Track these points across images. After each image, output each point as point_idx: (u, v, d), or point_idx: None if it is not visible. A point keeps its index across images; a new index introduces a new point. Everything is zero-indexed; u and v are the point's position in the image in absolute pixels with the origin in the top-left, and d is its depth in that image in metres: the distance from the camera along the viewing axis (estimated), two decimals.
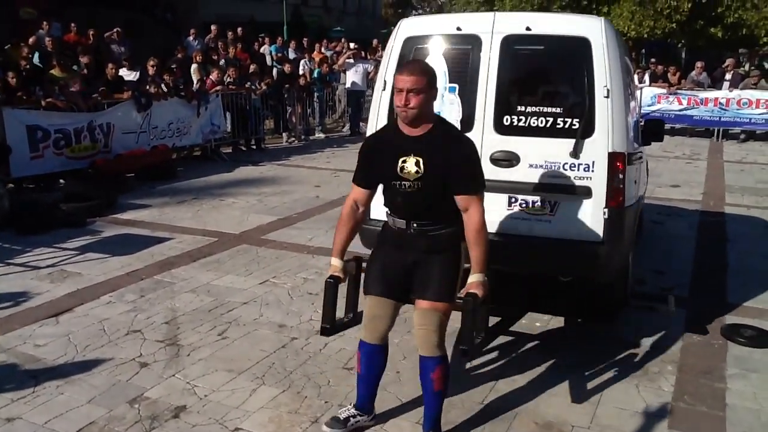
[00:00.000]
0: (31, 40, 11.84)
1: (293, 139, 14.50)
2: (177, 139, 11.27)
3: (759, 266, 6.14)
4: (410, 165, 3.09)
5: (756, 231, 7.51)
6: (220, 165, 11.69)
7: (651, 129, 5.56)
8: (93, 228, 7.35)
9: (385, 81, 4.37)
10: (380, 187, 3.30)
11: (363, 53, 16.66)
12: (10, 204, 7.25)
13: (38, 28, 12.87)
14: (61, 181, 9.21)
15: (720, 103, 14.89)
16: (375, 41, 19.03)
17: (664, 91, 15.62)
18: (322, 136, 15.28)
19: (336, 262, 3.33)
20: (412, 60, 3.38)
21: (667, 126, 14.13)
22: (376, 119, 4.40)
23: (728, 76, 15.55)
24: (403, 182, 3.11)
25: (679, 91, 15.49)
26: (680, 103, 15.34)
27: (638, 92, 12.57)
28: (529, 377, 4.00)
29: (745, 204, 8.79)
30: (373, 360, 3.37)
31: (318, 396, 3.76)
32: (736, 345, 4.44)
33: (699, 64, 16.29)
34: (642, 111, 14.09)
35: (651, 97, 15.51)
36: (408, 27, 4.45)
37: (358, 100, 15.35)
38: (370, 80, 14.83)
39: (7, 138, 8.38)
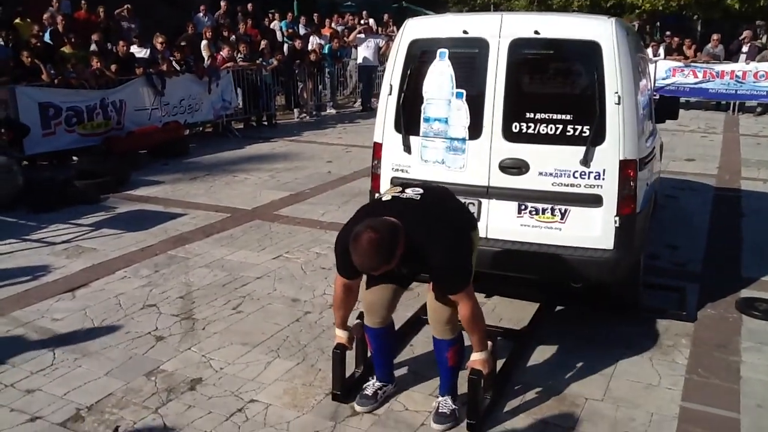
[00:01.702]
0: (45, 16, 11.83)
1: (304, 114, 14.45)
2: (189, 116, 11.26)
3: None
4: (395, 271, 3.06)
5: None
6: (232, 141, 11.70)
7: (666, 107, 5.47)
8: (107, 204, 7.39)
9: (391, 85, 4.27)
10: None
11: (375, 28, 16.51)
12: (24, 181, 7.29)
13: (48, 5, 12.83)
14: (74, 158, 9.25)
15: (736, 76, 14.66)
16: (386, 15, 18.83)
17: (680, 64, 15.40)
18: (333, 111, 15.22)
19: (341, 332, 3.42)
20: (361, 238, 2.83)
21: (682, 99, 14.03)
22: (383, 124, 4.33)
23: (745, 49, 15.30)
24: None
25: (694, 64, 15.27)
26: (695, 77, 15.11)
27: (652, 66, 12.41)
28: (542, 351, 4.01)
29: (761, 178, 8.70)
30: (381, 340, 3.45)
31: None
32: (750, 319, 4.42)
33: (715, 36, 16.03)
34: (656, 85, 13.92)
35: (666, 70, 15.29)
36: (413, 29, 4.31)
37: (370, 75, 15.25)
38: (381, 55, 14.72)
39: (20, 116, 8.41)
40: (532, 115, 4.00)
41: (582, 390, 3.56)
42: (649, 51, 15.16)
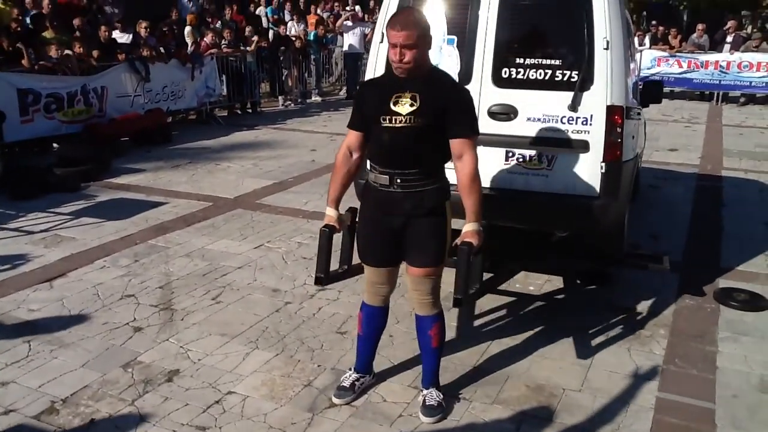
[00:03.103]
0: (27, 0, 11.62)
1: (289, 102, 14.37)
2: (172, 103, 11.17)
3: (754, 231, 6.14)
4: (405, 100, 3.00)
5: (752, 196, 7.48)
6: (216, 129, 11.60)
7: (650, 91, 5.50)
8: (87, 193, 7.31)
9: (382, 33, 4.28)
10: None
11: (361, 15, 16.41)
12: (3, 168, 7.19)
13: None
14: (55, 145, 9.14)
15: (720, 66, 14.74)
16: (372, 2, 18.71)
17: (665, 53, 15.46)
18: (318, 99, 15.14)
19: (331, 211, 3.30)
20: (404, 11, 3.26)
21: (667, 89, 14.07)
22: (374, 71, 4.32)
23: (729, 39, 15.37)
24: (394, 117, 3.00)
25: (679, 54, 15.33)
26: (680, 66, 15.18)
27: (638, 55, 12.44)
28: (521, 340, 4.02)
29: (742, 168, 8.76)
30: (374, 321, 3.40)
31: (311, 360, 3.78)
32: (728, 309, 4.46)
33: (700, 26, 16.09)
34: (641, 74, 13.95)
35: (651, 60, 15.35)
36: None
37: (356, 62, 15.17)
38: (367, 43, 14.64)
39: None
40: (521, 61, 4.05)
41: (559, 380, 3.57)
42: (636, 40, 15.17)
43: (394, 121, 3.01)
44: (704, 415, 3.28)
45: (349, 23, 15.13)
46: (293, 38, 14.59)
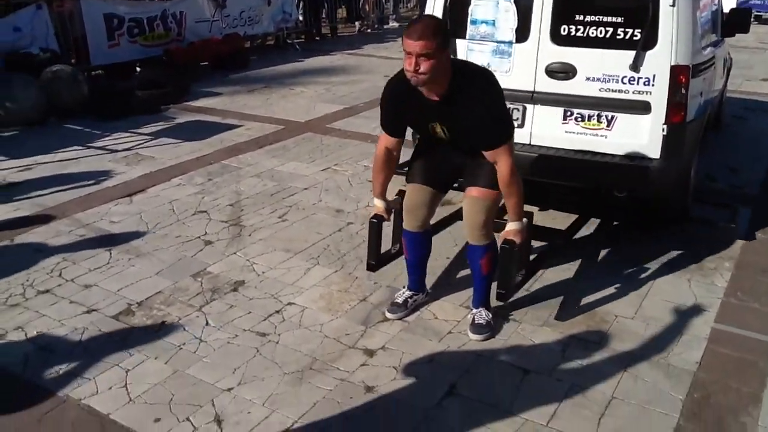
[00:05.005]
0: None
1: (366, 27, 14.24)
2: (249, 28, 11.30)
3: None
4: (438, 129, 3.07)
5: None
6: (292, 54, 11.70)
7: (736, 19, 5.19)
8: (167, 114, 7.62)
9: None
10: None
11: None
12: (90, 90, 7.55)
13: None
14: (138, 68, 9.47)
15: None
16: None
17: None
18: (395, 24, 14.94)
19: (379, 202, 3.42)
20: (422, 18, 3.01)
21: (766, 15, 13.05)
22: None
23: None
24: (436, 137, 3.14)
25: None
26: None
27: None
28: (578, 267, 4.02)
29: None
30: (417, 246, 3.48)
31: (368, 277, 3.90)
32: None
33: None
34: (738, 1, 13.03)
35: None
36: None
37: None
38: None
39: (86, 27, 8.63)
40: (581, 18, 3.89)
41: (613, 307, 3.57)
42: None
43: (437, 139, 3.14)
44: (760, 347, 3.22)
45: None
46: None
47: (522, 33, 4.03)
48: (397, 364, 3.08)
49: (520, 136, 3.86)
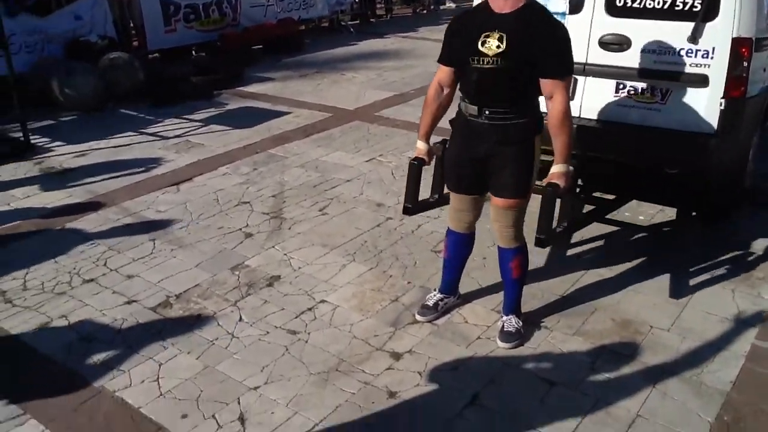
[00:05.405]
0: None
1: (422, 8, 14.10)
2: (303, 12, 11.35)
3: None
4: (492, 41, 2.92)
5: None
6: (346, 37, 11.71)
7: None
8: (219, 100, 7.76)
9: None
10: None
11: None
12: (145, 76, 7.75)
13: None
14: (194, 52, 9.66)
15: None
16: None
17: None
18: (452, 5, 14.75)
19: (421, 144, 3.35)
20: None
21: None
22: None
23: None
24: (482, 58, 2.93)
25: None
26: None
27: None
28: (616, 272, 3.92)
29: None
30: (459, 247, 3.46)
31: (402, 276, 3.91)
32: None
33: None
34: None
35: None
36: None
37: None
38: None
39: (143, 13, 8.84)
40: None
41: (649, 317, 3.47)
42: None
43: (481, 62, 2.95)
44: None
45: None
46: None
47: (576, 4, 3.95)
48: (422, 369, 3.09)
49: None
